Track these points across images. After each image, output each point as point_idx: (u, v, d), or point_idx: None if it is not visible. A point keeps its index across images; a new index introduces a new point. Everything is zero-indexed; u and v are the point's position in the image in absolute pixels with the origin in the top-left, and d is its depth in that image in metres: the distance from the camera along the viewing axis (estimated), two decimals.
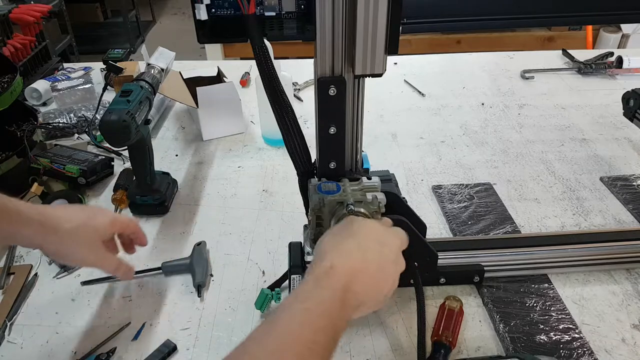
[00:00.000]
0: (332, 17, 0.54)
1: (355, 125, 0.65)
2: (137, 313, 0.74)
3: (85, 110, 1.21)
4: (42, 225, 0.61)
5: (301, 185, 0.68)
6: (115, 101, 0.81)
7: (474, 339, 0.69)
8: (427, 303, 0.72)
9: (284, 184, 1.01)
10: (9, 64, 1.10)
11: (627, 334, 0.69)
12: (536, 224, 0.89)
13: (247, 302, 0.74)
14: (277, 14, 0.58)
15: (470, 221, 0.88)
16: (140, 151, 0.88)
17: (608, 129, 1.17)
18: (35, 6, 1.47)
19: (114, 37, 4.07)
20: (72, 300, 0.76)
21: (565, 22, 1.50)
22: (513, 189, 0.98)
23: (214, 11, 0.57)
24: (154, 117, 1.20)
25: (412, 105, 1.30)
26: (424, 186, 1.00)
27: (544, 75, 1.43)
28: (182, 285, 0.78)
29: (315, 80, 0.60)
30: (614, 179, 0.99)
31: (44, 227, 0.62)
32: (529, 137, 1.15)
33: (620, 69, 1.41)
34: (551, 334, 0.68)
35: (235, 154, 1.11)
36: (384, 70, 0.57)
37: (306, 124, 1.20)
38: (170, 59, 0.99)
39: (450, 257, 0.77)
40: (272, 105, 0.60)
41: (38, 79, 1.34)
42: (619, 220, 0.90)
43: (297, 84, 1.37)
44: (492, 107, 1.28)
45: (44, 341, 0.70)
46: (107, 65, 1.19)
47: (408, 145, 1.13)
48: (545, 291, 0.75)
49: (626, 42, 2.77)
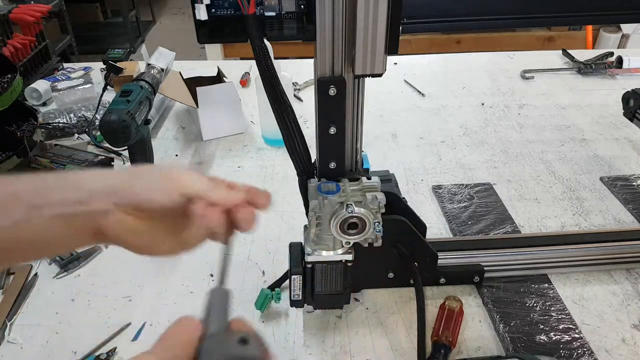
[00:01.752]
0: (332, 17, 0.54)
1: (355, 125, 0.65)
2: (137, 313, 0.74)
3: (85, 110, 1.21)
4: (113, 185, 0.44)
5: (301, 185, 0.68)
6: (115, 101, 0.81)
7: (474, 339, 0.69)
8: (427, 303, 0.72)
9: (284, 184, 1.01)
10: (9, 64, 1.10)
11: (627, 334, 0.69)
12: (536, 224, 0.89)
13: (247, 302, 0.74)
14: (277, 14, 0.58)
15: (470, 221, 0.88)
16: (140, 151, 0.88)
17: (608, 129, 1.17)
18: (35, 6, 1.47)
19: (114, 37, 4.07)
20: (72, 300, 0.76)
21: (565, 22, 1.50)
22: (513, 189, 0.98)
23: (214, 11, 0.57)
24: (154, 117, 1.20)
25: (412, 105, 1.30)
26: (424, 186, 1.00)
27: (544, 75, 1.43)
28: (182, 285, 0.78)
29: (315, 80, 0.60)
30: (614, 179, 0.99)
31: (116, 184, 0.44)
32: (529, 137, 1.15)
33: (620, 69, 1.41)
34: (551, 334, 0.68)
35: (235, 154, 1.11)
36: (384, 70, 0.57)
37: (306, 124, 1.20)
38: (170, 59, 0.99)
39: (450, 257, 0.77)
40: (272, 105, 0.60)
41: (38, 79, 1.34)
42: (619, 220, 0.90)
43: (297, 84, 1.37)
44: (492, 107, 1.28)
45: (44, 341, 0.70)
46: (107, 65, 1.19)
47: (408, 145, 1.13)
48: (545, 291, 0.75)
49: (626, 42, 2.77)
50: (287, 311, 0.73)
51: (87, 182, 0.43)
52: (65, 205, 0.41)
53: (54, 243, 0.43)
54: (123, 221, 0.43)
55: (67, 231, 0.42)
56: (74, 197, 0.42)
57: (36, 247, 0.42)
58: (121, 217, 0.42)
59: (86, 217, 0.42)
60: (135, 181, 0.44)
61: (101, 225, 0.42)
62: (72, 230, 0.42)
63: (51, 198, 0.41)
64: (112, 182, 0.43)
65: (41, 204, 0.41)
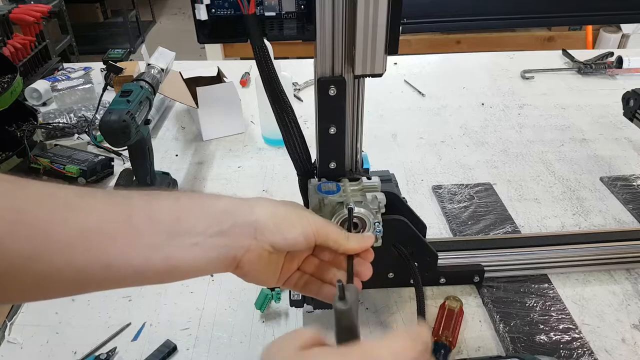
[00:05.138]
0: (332, 17, 0.54)
1: (355, 125, 0.65)
2: (137, 313, 0.74)
3: (85, 110, 1.21)
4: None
5: (301, 185, 0.68)
6: (115, 101, 0.81)
7: (474, 339, 0.69)
8: (427, 303, 0.73)
9: (284, 184, 1.01)
10: (9, 64, 1.10)
11: (627, 334, 0.69)
12: (536, 224, 0.89)
13: (247, 302, 0.74)
14: (277, 14, 0.58)
15: (470, 221, 0.88)
16: (140, 151, 0.88)
17: (608, 129, 1.17)
18: (35, 6, 1.47)
19: (114, 37, 4.07)
20: (72, 300, 0.76)
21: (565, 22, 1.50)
22: (513, 189, 0.98)
23: (214, 11, 0.57)
24: (154, 117, 1.20)
25: (412, 105, 1.30)
26: (424, 186, 1.00)
27: (544, 75, 1.43)
28: (182, 285, 0.78)
29: (315, 80, 0.60)
30: (614, 179, 0.99)
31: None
32: (529, 137, 1.15)
33: (620, 69, 1.41)
34: (551, 334, 0.68)
35: (235, 154, 1.11)
36: (384, 70, 0.57)
37: (306, 124, 1.20)
38: (170, 59, 0.99)
39: (450, 257, 0.77)
40: (272, 105, 0.60)
41: (38, 79, 1.34)
42: (619, 220, 0.90)
43: (297, 84, 1.37)
44: (492, 107, 1.28)
45: (44, 341, 0.70)
46: (107, 65, 1.19)
47: (408, 145, 1.13)
48: (545, 291, 0.75)
49: (626, 42, 2.77)
50: (287, 311, 0.73)
51: (229, 214, 0.43)
52: (206, 235, 0.41)
53: (185, 270, 0.41)
54: (260, 257, 0.44)
55: (200, 259, 0.41)
56: (216, 229, 0.42)
57: (168, 273, 0.41)
58: (259, 253, 0.43)
59: (226, 248, 0.42)
60: (276, 220, 0.45)
61: (239, 258, 0.43)
62: (207, 260, 0.42)
63: (192, 227, 0.41)
64: (255, 218, 0.44)
65: (181, 231, 0.41)
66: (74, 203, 0.39)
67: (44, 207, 0.37)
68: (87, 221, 0.38)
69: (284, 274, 0.49)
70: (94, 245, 0.38)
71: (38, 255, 0.36)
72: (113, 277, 0.39)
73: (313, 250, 0.51)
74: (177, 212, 0.41)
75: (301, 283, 0.51)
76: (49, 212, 0.37)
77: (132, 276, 0.39)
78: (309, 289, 0.51)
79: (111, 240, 0.38)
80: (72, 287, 0.39)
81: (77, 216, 0.38)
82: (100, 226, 0.38)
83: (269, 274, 0.47)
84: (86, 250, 0.37)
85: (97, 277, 0.38)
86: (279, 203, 0.48)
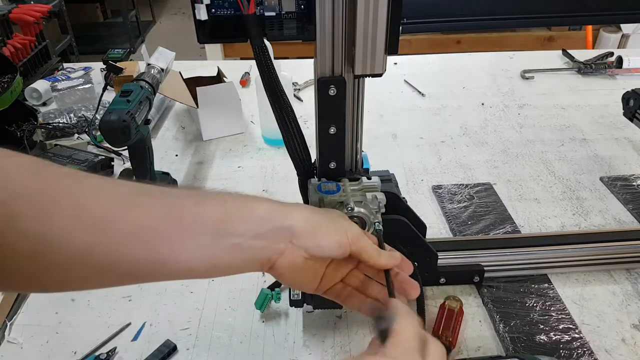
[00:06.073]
0: (332, 17, 0.54)
1: (355, 125, 0.65)
2: (137, 313, 0.74)
3: (85, 110, 1.21)
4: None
5: (301, 185, 0.68)
6: (115, 101, 0.81)
7: (474, 339, 0.69)
8: (427, 303, 0.73)
9: (284, 184, 1.01)
10: (9, 64, 1.10)
11: (627, 334, 0.69)
12: (536, 224, 0.89)
13: (247, 302, 0.74)
14: (277, 14, 0.58)
15: (470, 221, 0.88)
16: (140, 151, 0.88)
17: (608, 129, 1.17)
18: (35, 6, 1.47)
19: (114, 37, 4.07)
20: (72, 300, 0.76)
21: (565, 22, 1.50)
22: (513, 189, 0.98)
23: (214, 11, 0.57)
24: (154, 117, 1.20)
25: (412, 105, 1.30)
26: (424, 186, 1.00)
27: (544, 75, 1.43)
28: (182, 285, 0.78)
29: (315, 80, 0.60)
30: (614, 179, 0.99)
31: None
32: (529, 137, 1.15)
33: (620, 69, 1.41)
34: (551, 334, 0.68)
35: (235, 154, 1.11)
36: (384, 70, 0.57)
37: (306, 124, 1.20)
38: (170, 59, 0.99)
39: (450, 257, 0.77)
40: (272, 105, 0.60)
41: (38, 79, 1.34)
42: (619, 220, 0.90)
43: (297, 84, 1.37)
44: (492, 107, 1.28)
45: (44, 341, 0.70)
46: (107, 65, 1.19)
47: (408, 145, 1.13)
48: (545, 291, 0.75)
49: (626, 42, 2.77)
50: (287, 311, 0.74)
51: (268, 218, 0.45)
52: (246, 237, 0.44)
53: (225, 268, 0.44)
54: (294, 261, 0.45)
55: (239, 259, 0.44)
56: (255, 231, 0.44)
57: (210, 271, 0.43)
58: (294, 257, 0.45)
59: (263, 250, 0.44)
60: (312, 226, 0.47)
61: (274, 260, 0.45)
62: (244, 260, 0.44)
63: (234, 228, 0.43)
64: (292, 223, 0.46)
65: (225, 232, 0.43)
66: (131, 201, 0.41)
67: (102, 204, 0.39)
68: (142, 219, 0.41)
69: (325, 282, 0.51)
70: (147, 242, 0.40)
71: (95, 249, 0.38)
72: (162, 272, 0.42)
73: (357, 264, 0.52)
74: (223, 214, 0.44)
75: (344, 295, 0.52)
76: (107, 209, 0.39)
77: (179, 272, 0.42)
78: (351, 302, 0.52)
79: (163, 239, 0.41)
80: (125, 279, 0.42)
81: (134, 214, 0.40)
82: (154, 225, 0.41)
83: (306, 279, 0.49)
84: (139, 246, 0.40)
85: (148, 271, 0.41)
86: (317, 210, 0.51)
